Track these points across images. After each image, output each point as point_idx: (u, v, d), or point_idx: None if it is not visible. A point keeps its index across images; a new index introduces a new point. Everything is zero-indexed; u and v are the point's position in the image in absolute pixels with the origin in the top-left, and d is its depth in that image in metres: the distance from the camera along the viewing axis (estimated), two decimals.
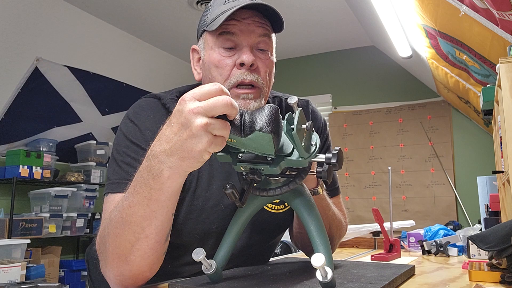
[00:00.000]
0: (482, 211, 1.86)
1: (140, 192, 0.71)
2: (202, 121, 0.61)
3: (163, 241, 0.76)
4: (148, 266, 0.77)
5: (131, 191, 0.73)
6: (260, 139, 0.63)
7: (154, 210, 0.71)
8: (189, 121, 0.61)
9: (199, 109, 0.61)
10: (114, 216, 0.76)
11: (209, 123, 0.61)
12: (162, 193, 0.70)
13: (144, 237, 0.73)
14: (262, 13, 0.91)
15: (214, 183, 0.94)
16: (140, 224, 0.72)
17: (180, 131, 0.63)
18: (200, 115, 0.61)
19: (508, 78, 1.21)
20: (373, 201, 4.11)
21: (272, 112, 0.63)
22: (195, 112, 0.61)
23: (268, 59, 0.93)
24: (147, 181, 0.70)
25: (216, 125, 0.61)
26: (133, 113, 0.94)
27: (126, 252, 0.74)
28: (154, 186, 0.69)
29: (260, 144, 0.64)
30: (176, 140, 0.64)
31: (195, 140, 0.62)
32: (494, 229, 0.86)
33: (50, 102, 3.60)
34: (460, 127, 3.89)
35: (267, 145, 0.63)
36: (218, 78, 0.90)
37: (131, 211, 0.72)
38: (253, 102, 0.90)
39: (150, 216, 0.72)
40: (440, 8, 1.89)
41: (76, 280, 3.67)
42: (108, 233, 0.77)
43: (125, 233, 0.73)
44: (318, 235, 0.72)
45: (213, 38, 0.91)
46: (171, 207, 0.73)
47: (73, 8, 3.35)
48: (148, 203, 0.71)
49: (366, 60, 4.32)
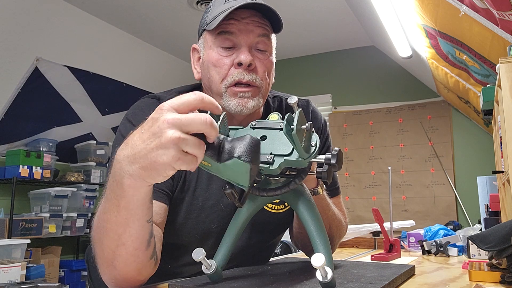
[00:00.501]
0: (482, 211, 1.86)
1: (110, 198, 0.68)
2: (174, 134, 0.56)
3: (144, 247, 0.72)
4: (135, 271, 0.75)
5: (105, 196, 0.71)
6: (237, 167, 0.61)
7: (126, 218, 0.68)
8: (161, 131, 0.57)
9: (175, 121, 0.57)
10: (96, 221, 0.74)
11: (182, 138, 0.56)
12: (127, 201, 0.66)
13: (122, 244, 0.70)
14: (262, 13, 0.92)
15: (213, 183, 0.94)
16: (115, 231, 0.70)
17: (149, 139, 0.58)
18: (174, 128, 0.57)
19: (508, 78, 1.21)
20: (373, 201, 4.11)
21: (254, 143, 0.61)
22: (169, 123, 0.57)
23: (266, 59, 0.93)
24: (113, 187, 0.67)
25: (189, 142, 0.57)
26: (131, 114, 0.94)
27: (110, 258, 0.73)
28: (118, 193, 0.66)
29: (236, 173, 0.62)
30: (142, 148, 0.59)
31: (161, 151, 0.57)
32: (494, 229, 0.86)
33: (50, 102, 3.60)
34: (460, 127, 3.89)
35: (243, 175, 0.61)
36: (216, 77, 0.91)
37: (105, 217, 0.70)
38: (251, 101, 0.90)
39: (123, 223, 0.68)
40: (440, 8, 1.89)
41: (76, 280, 3.67)
42: (93, 238, 0.76)
43: (105, 239, 0.72)
44: (318, 235, 0.72)
45: (212, 37, 0.92)
46: (142, 215, 0.69)
47: (73, 8, 3.35)
48: (118, 210, 0.67)
49: (366, 60, 4.32)
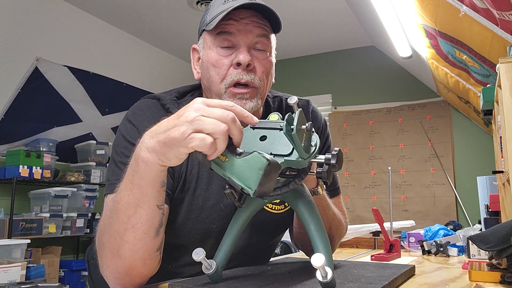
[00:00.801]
0: (482, 211, 1.86)
1: (127, 176, 0.73)
2: (191, 115, 0.62)
3: (152, 234, 0.75)
4: (140, 260, 0.76)
5: (124, 176, 0.75)
6: (253, 163, 0.62)
7: (137, 198, 0.71)
8: (185, 113, 0.63)
9: (199, 107, 0.63)
10: (110, 205, 0.78)
11: (197, 118, 0.62)
12: (140, 177, 0.70)
13: (131, 227, 0.73)
14: (261, 13, 0.92)
15: (213, 183, 0.94)
16: (125, 213, 0.73)
17: (173, 119, 0.65)
18: (195, 112, 0.62)
19: (508, 78, 1.21)
20: (373, 201, 4.11)
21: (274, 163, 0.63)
22: (195, 108, 0.63)
23: (266, 59, 0.93)
24: (132, 163, 0.72)
25: (206, 121, 0.61)
26: (132, 114, 0.94)
27: (116, 245, 0.75)
28: (134, 168, 0.71)
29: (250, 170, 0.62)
30: (164, 125, 0.66)
31: (176, 127, 0.63)
32: (494, 229, 0.86)
33: (50, 102, 3.60)
34: (460, 127, 3.90)
35: (256, 173, 0.61)
36: (215, 78, 0.91)
37: (119, 197, 0.74)
38: (249, 102, 0.90)
39: (134, 203, 0.72)
40: (440, 8, 1.89)
41: (76, 280, 3.67)
42: (104, 225, 0.78)
43: (115, 223, 0.74)
44: (318, 235, 0.72)
45: (211, 37, 0.92)
46: (152, 196, 0.72)
47: (73, 8, 3.35)
48: (131, 188, 0.71)
49: (366, 60, 4.32)
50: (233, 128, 0.63)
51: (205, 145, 0.61)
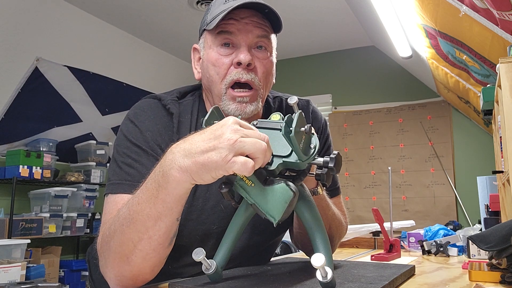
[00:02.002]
0: (482, 211, 1.86)
1: (149, 189, 0.71)
2: (233, 137, 0.61)
3: (167, 244, 0.75)
4: (150, 268, 0.76)
5: (143, 187, 0.73)
6: (280, 195, 0.62)
7: (160, 211, 0.70)
8: (223, 134, 0.62)
9: (238, 130, 0.62)
10: (123, 212, 0.76)
11: (239, 140, 0.61)
12: (167, 193, 0.68)
13: (147, 238, 0.72)
14: (261, 13, 0.92)
15: (213, 184, 0.93)
16: (144, 224, 0.71)
17: (209, 139, 0.63)
18: (235, 133, 0.61)
19: (508, 78, 1.21)
20: (373, 201, 4.11)
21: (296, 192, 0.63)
22: (234, 130, 0.62)
23: (266, 59, 0.93)
24: (158, 176, 0.69)
25: (247, 142, 0.61)
26: (133, 114, 0.94)
27: (128, 252, 0.74)
28: (161, 184, 0.68)
29: (275, 200, 0.62)
30: (200, 144, 0.63)
31: (216, 150, 0.61)
32: (494, 229, 0.86)
33: (50, 102, 3.60)
34: (460, 127, 3.89)
35: (280, 205, 0.62)
36: (216, 77, 0.91)
37: (138, 208, 0.72)
38: (249, 106, 0.90)
39: (155, 216, 0.70)
40: (440, 8, 1.89)
41: (76, 280, 3.67)
42: (114, 230, 0.76)
43: (129, 231, 0.73)
44: (318, 235, 0.72)
45: (211, 37, 0.92)
46: (176, 211, 0.71)
47: (73, 8, 3.35)
48: (155, 202, 0.70)
49: (366, 60, 4.32)
50: (262, 157, 0.62)
51: (246, 169, 0.61)
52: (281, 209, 0.62)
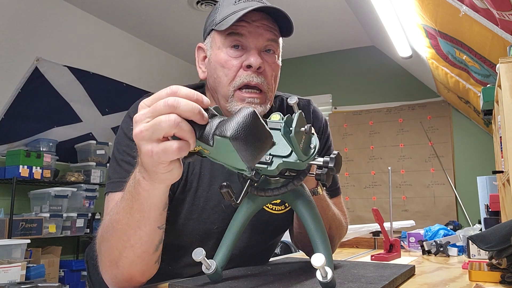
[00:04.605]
0: (482, 211, 1.86)
1: (126, 199, 0.70)
2: (138, 128, 0.56)
3: (152, 251, 0.74)
4: (139, 272, 0.76)
5: (122, 197, 0.72)
6: (223, 147, 0.54)
7: (138, 220, 0.69)
8: (139, 146, 0.58)
9: (143, 134, 0.56)
10: (107, 220, 0.76)
11: (144, 128, 0.56)
12: (141, 204, 0.67)
13: (130, 246, 0.72)
14: (272, 17, 0.91)
15: (215, 183, 0.94)
16: (125, 232, 0.71)
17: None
18: (145, 141, 0.57)
19: (508, 78, 1.21)
20: (373, 201, 4.11)
21: (245, 116, 0.52)
22: (136, 120, 0.58)
23: (274, 63, 0.93)
24: (131, 187, 0.68)
25: (150, 128, 0.55)
26: (134, 112, 0.94)
27: (115, 258, 0.74)
28: (134, 195, 0.67)
29: (228, 156, 0.55)
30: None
31: (141, 148, 0.58)
32: (494, 229, 0.86)
33: (50, 102, 3.60)
34: (460, 127, 3.89)
35: (233, 156, 0.54)
36: (224, 79, 0.90)
37: (117, 217, 0.71)
38: (258, 107, 0.89)
39: (134, 225, 0.70)
40: (440, 8, 1.89)
41: (76, 280, 3.67)
42: (102, 236, 0.77)
43: (113, 239, 0.73)
44: (318, 235, 0.72)
45: (221, 37, 0.91)
46: (154, 220, 0.70)
47: (73, 8, 3.35)
48: (131, 212, 0.69)
49: (366, 60, 4.32)
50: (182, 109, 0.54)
51: (173, 152, 0.55)
52: (237, 159, 0.53)
